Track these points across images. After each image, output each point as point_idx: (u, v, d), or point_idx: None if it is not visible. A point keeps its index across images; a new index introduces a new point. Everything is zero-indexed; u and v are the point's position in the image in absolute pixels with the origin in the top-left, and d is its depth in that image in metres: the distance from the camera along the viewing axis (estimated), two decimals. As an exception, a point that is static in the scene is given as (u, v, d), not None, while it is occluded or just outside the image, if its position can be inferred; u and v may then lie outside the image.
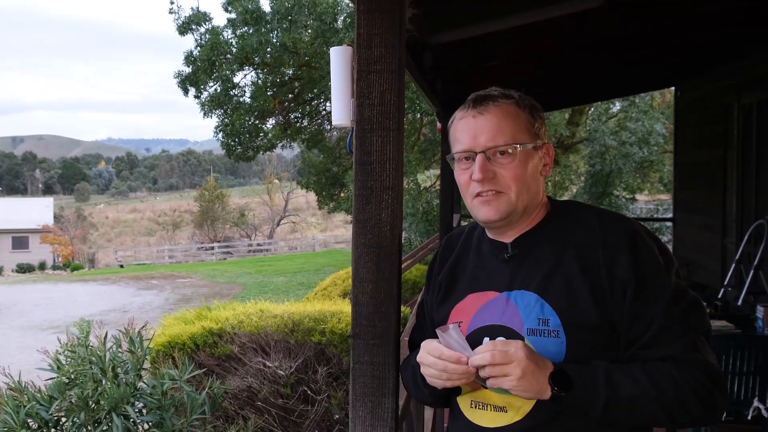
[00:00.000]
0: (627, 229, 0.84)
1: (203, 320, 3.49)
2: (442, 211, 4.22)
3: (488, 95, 0.88)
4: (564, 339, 0.81)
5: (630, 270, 0.80)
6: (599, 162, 10.80)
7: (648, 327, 0.79)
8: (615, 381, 0.77)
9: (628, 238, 0.83)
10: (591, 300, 0.81)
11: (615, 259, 0.81)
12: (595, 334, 0.81)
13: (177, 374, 2.34)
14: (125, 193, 77.12)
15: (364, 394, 1.01)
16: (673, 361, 0.78)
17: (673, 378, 0.77)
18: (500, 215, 0.86)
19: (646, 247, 0.82)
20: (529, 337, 0.83)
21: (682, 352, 0.79)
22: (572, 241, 0.85)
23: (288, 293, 12.40)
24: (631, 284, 0.80)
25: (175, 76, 11.49)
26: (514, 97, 0.88)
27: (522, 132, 0.86)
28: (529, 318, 0.83)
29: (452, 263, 0.96)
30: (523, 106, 0.87)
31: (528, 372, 0.75)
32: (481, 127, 0.85)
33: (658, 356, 0.79)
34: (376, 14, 1.01)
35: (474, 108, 0.87)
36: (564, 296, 0.82)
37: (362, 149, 1.03)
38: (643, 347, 0.80)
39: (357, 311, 1.03)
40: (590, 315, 0.81)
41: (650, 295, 0.80)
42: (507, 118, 0.85)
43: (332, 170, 13.01)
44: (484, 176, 0.84)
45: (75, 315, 10.27)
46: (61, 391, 2.17)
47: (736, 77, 3.95)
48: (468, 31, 2.15)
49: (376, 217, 1.02)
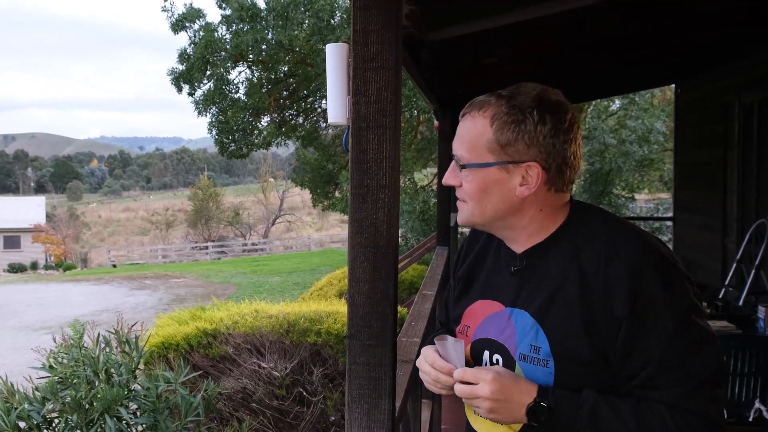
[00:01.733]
0: (633, 260, 0.76)
1: (197, 321, 3.46)
2: (439, 210, 4.22)
3: (475, 102, 0.84)
4: (553, 369, 0.78)
5: (626, 306, 0.74)
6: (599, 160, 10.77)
7: (643, 368, 0.75)
8: (600, 416, 0.74)
9: (632, 271, 0.75)
10: (583, 332, 0.77)
11: (613, 293, 0.75)
12: (586, 366, 0.77)
13: (172, 377, 2.31)
14: (118, 191, 76.60)
15: (360, 396, 1.00)
16: (668, 408, 0.73)
17: (664, 424, 0.72)
18: (462, 222, 0.88)
19: (650, 281, 0.75)
20: (520, 363, 0.82)
21: (678, 399, 0.73)
22: (577, 264, 0.80)
23: (283, 293, 12.37)
24: (625, 321, 0.75)
25: (169, 74, 11.41)
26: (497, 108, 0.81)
27: (480, 149, 0.81)
28: (522, 343, 0.82)
29: (472, 261, 0.95)
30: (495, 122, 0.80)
31: (496, 407, 0.76)
32: (457, 134, 0.86)
33: (654, 398, 0.75)
34: (372, 10, 1.00)
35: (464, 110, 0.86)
36: (560, 325, 0.79)
37: (358, 147, 1.01)
38: (639, 386, 0.76)
39: (353, 311, 1.01)
40: (582, 349, 0.77)
41: (645, 335, 0.74)
42: (471, 132, 0.82)
43: (327, 168, 12.99)
44: (446, 181, 0.86)
45: (67, 315, 10.19)
46: (53, 392, 2.14)
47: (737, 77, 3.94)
48: (465, 28, 2.14)
49: (372, 216, 1.00)
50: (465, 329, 0.90)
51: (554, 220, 0.84)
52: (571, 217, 0.84)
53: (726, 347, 2.02)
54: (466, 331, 0.90)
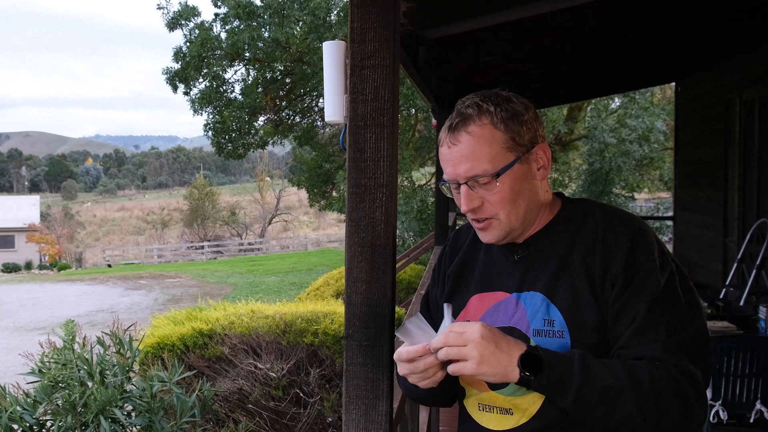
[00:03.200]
0: (630, 227, 0.83)
1: (193, 321, 3.44)
2: (437, 209, 4.21)
3: (463, 119, 0.84)
4: (569, 339, 0.80)
5: (621, 266, 0.79)
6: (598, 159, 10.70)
7: (629, 325, 0.77)
8: (590, 368, 0.75)
9: (630, 236, 0.81)
10: (591, 298, 0.81)
11: (611, 256, 0.80)
12: (599, 333, 0.80)
13: (166, 376, 2.30)
14: (113, 191, 76.17)
15: (358, 397, 0.99)
16: (650, 361, 0.75)
17: (650, 373, 0.74)
18: (497, 238, 0.87)
19: (645, 246, 0.81)
20: (534, 338, 0.83)
21: (662, 353, 0.75)
22: (579, 240, 0.85)
23: (280, 293, 12.34)
24: (619, 280, 0.79)
25: (164, 73, 11.34)
26: (490, 111, 0.83)
27: (500, 153, 0.83)
28: (535, 319, 0.83)
29: (462, 258, 0.95)
30: (498, 122, 0.83)
31: (487, 354, 0.73)
32: (458, 158, 0.84)
33: (636, 356, 0.76)
34: (369, 8, 0.99)
35: (449, 137, 0.85)
36: (569, 296, 0.82)
37: (356, 146, 1.00)
38: (623, 347, 0.78)
39: (350, 312, 1.00)
40: (592, 316, 0.80)
41: (633, 295, 0.78)
42: (482, 144, 0.83)
43: (324, 167, 12.94)
44: (470, 207, 0.85)
45: (62, 315, 10.12)
46: (47, 394, 2.11)
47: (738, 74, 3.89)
48: (463, 26, 2.13)
49: (369, 215, 0.99)
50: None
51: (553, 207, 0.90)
52: (565, 205, 0.91)
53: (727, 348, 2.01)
54: None
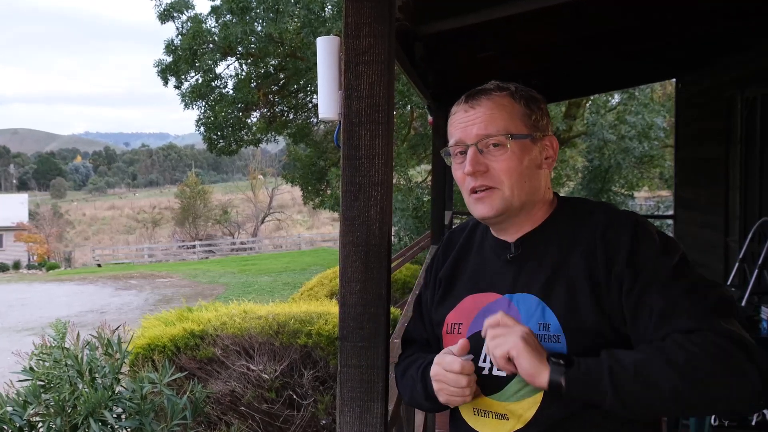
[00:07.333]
0: (629, 222, 0.81)
1: (184, 322, 3.39)
2: (433, 207, 4.17)
3: (483, 89, 0.87)
4: (565, 343, 0.79)
5: (626, 262, 0.77)
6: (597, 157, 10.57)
7: (650, 316, 0.74)
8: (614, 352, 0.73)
9: (630, 232, 0.80)
10: (591, 301, 0.78)
11: (614, 255, 0.78)
12: (597, 337, 0.78)
13: (157, 377, 2.26)
14: (103, 189, 75.28)
15: (352, 399, 0.97)
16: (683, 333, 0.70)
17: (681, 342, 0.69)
18: (495, 212, 0.84)
19: (646, 237, 0.79)
20: None
21: (693, 323, 0.70)
22: (578, 240, 0.82)
23: (273, 293, 12.26)
24: (626, 277, 0.77)
25: (156, 65, 11.17)
26: (510, 88, 0.86)
27: (516, 123, 0.84)
28: (529, 323, 0.81)
29: (454, 260, 0.93)
30: (518, 97, 0.86)
31: (530, 340, 0.74)
32: (473, 120, 0.84)
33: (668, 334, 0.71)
34: (364, 2, 0.97)
35: (467, 102, 0.86)
36: (566, 299, 0.80)
37: (350, 143, 0.98)
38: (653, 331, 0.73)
39: (344, 312, 0.99)
40: (591, 318, 0.78)
41: (646, 287, 0.75)
42: (500, 109, 0.84)
43: (319, 164, 12.87)
44: (475, 169, 0.82)
45: (51, 316, 9.95)
46: (36, 395, 2.07)
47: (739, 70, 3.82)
48: (460, 21, 2.11)
49: (364, 214, 0.98)
50: (456, 328, 0.88)
51: (550, 203, 0.88)
52: (560, 204, 0.89)
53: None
54: (458, 329, 0.87)
